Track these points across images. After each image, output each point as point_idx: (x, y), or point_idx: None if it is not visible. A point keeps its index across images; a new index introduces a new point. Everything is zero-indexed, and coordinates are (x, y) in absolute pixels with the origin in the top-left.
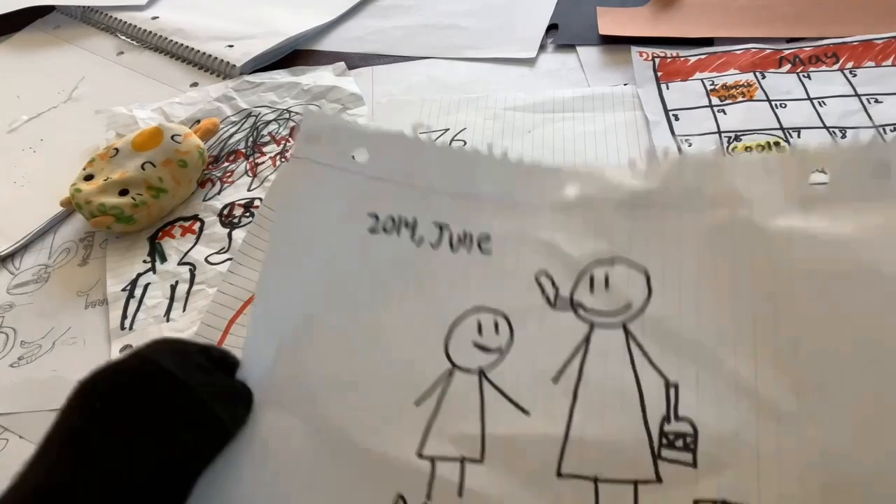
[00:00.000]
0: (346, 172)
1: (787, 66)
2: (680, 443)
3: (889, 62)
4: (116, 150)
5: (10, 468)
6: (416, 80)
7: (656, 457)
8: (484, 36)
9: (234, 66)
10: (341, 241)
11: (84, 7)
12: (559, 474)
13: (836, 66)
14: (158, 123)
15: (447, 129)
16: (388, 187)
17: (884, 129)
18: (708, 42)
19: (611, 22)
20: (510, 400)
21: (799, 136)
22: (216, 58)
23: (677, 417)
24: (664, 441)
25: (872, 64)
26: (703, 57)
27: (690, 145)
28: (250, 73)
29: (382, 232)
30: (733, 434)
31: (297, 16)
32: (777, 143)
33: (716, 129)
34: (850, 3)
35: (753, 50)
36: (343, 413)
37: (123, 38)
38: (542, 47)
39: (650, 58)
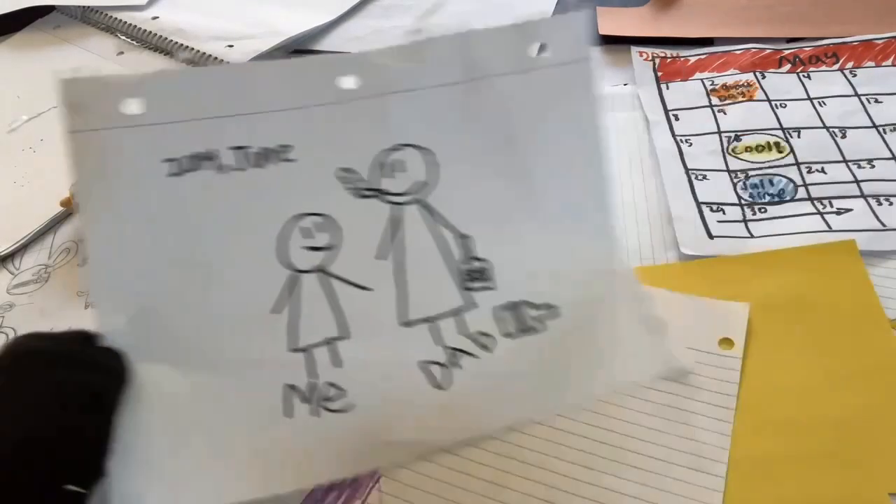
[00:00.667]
0: (125, 129)
1: (787, 66)
2: (480, 276)
3: (889, 62)
4: None
5: None
6: None
7: (465, 289)
8: None
9: None
10: (148, 196)
11: (84, 7)
12: (406, 324)
13: (836, 66)
14: None
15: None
16: (174, 129)
17: (883, 129)
18: (708, 42)
19: (611, 22)
20: (353, 284)
21: (799, 137)
22: (216, 58)
23: (476, 259)
24: (468, 277)
25: (872, 64)
26: (703, 57)
27: (691, 145)
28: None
29: (186, 172)
30: (512, 259)
31: (297, 16)
32: (777, 143)
33: (716, 129)
34: (850, 3)
35: (753, 50)
36: (208, 344)
37: (123, 38)
38: None
39: (650, 58)
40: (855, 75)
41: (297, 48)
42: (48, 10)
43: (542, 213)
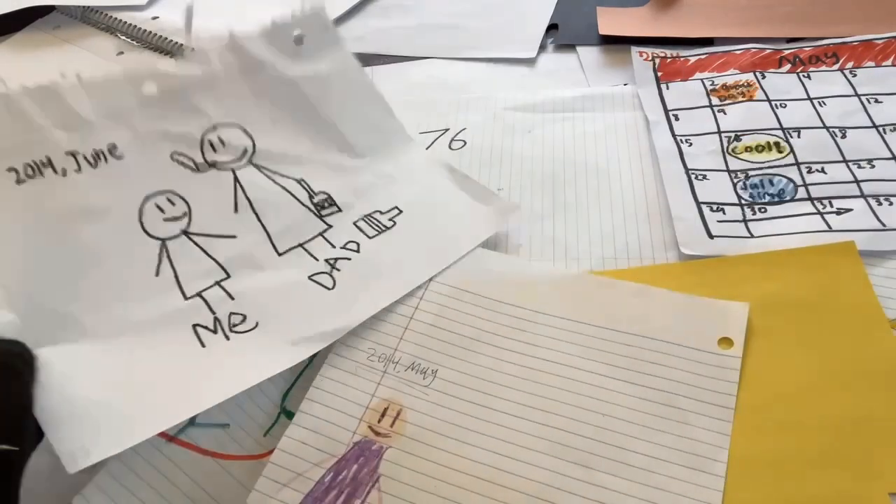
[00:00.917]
0: None
1: (787, 66)
2: (326, 204)
3: (889, 62)
4: None
5: None
6: (416, 80)
7: (320, 217)
8: (484, 36)
9: None
10: (2, 203)
11: (84, 7)
12: (282, 254)
13: (836, 66)
14: None
15: (447, 129)
16: (4, 143)
17: (883, 129)
18: (708, 42)
19: (611, 22)
20: (218, 236)
21: (799, 137)
22: None
23: (316, 194)
24: (318, 208)
25: (872, 64)
26: (703, 57)
27: (690, 145)
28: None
29: (28, 179)
30: (346, 184)
31: None
32: (777, 143)
33: (716, 129)
34: (850, 3)
35: (753, 50)
36: (107, 317)
37: (123, 38)
38: (542, 47)
39: (650, 58)
40: (855, 75)
41: None
42: (48, 10)
43: (353, 145)
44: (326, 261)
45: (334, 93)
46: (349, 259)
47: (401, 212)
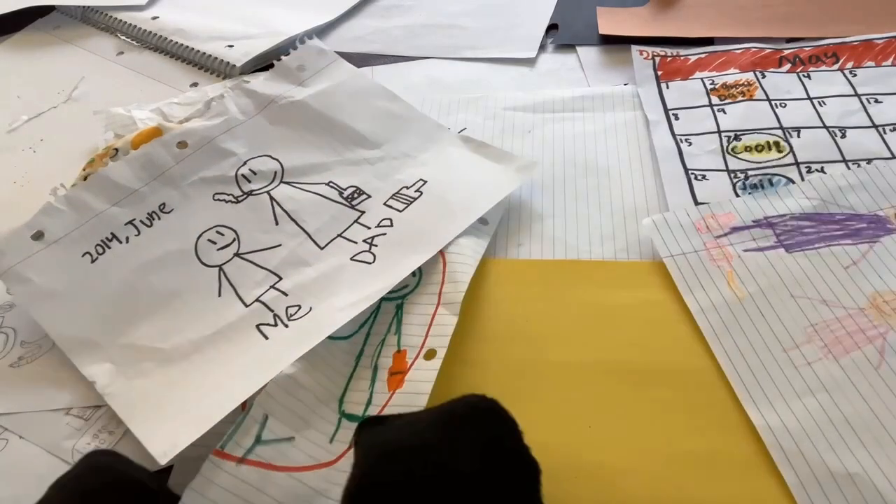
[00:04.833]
0: (33, 258)
1: (787, 66)
2: (356, 195)
3: (889, 62)
4: (116, 150)
5: (10, 468)
6: (415, 80)
7: (352, 207)
8: (484, 36)
9: (234, 66)
10: (79, 281)
11: (84, 7)
12: (323, 248)
13: (836, 66)
14: (157, 123)
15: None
16: (75, 235)
17: (883, 129)
18: (708, 42)
19: (611, 22)
20: (266, 249)
21: (799, 136)
22: (216, 58)
23: (345, 189)
24: (349, 200)
25: (872, 64)
26: (703, 56)
27: (690, 144)
28: (250, 73)
29: (100, 255)
30: (370, 174)
31: (297, 16)
32: (777, 143)
33: (716, 129)
34: (850, 3)
35: (753, 49)
36: (180, 341)
37: (123, 38)
38: (542, 47)
39: (650, 57)
40: (855, 75)
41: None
42: (48, 10)
43: (369, 137)
44: (364, 241)
45: (342, 99)
46: (385, 234)
47: (426, 182)
